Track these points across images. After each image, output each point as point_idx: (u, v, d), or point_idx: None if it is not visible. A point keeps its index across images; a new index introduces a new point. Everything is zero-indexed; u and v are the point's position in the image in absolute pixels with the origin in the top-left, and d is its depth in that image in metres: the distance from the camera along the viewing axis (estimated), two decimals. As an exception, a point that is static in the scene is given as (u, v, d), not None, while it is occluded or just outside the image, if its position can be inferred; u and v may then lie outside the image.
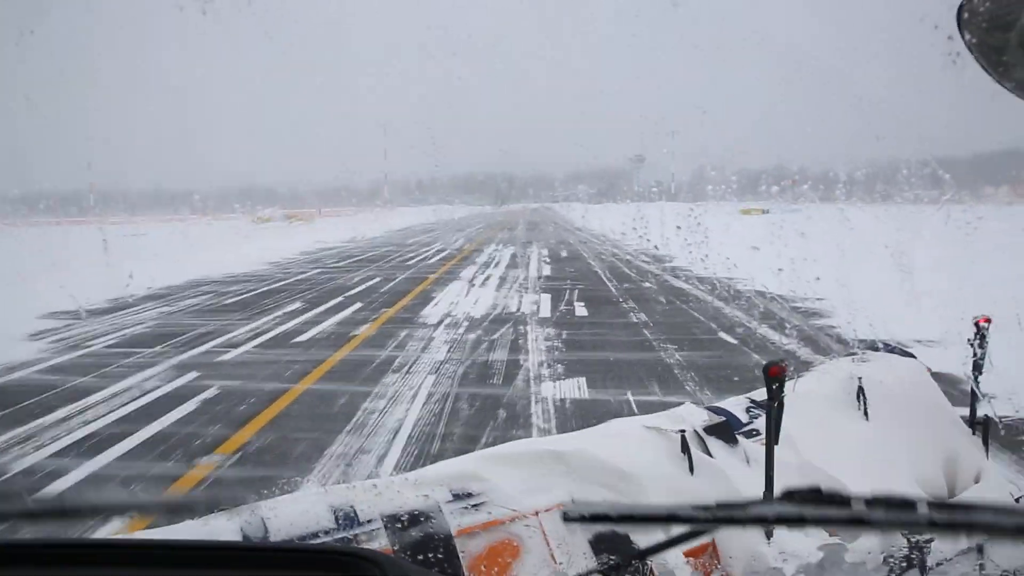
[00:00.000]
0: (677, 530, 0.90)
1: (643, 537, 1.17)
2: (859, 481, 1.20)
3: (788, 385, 1.51)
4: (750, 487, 1.49)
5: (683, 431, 1.64)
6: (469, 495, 1.41)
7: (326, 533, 1.26)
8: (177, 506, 1.15)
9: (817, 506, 0.82)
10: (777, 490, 1.08)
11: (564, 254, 20.25)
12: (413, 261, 18.66)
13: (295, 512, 1.27)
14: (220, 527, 1.21)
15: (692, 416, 1.78)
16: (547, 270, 15.93)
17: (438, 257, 19.89)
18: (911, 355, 2.40)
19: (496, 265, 17.07)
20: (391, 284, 13.89)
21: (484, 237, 29.67)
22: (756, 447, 1.72)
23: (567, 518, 0.86)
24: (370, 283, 14.06)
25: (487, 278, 14.62)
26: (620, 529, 1.17)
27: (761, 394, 1.84)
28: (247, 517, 1.23)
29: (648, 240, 22.44)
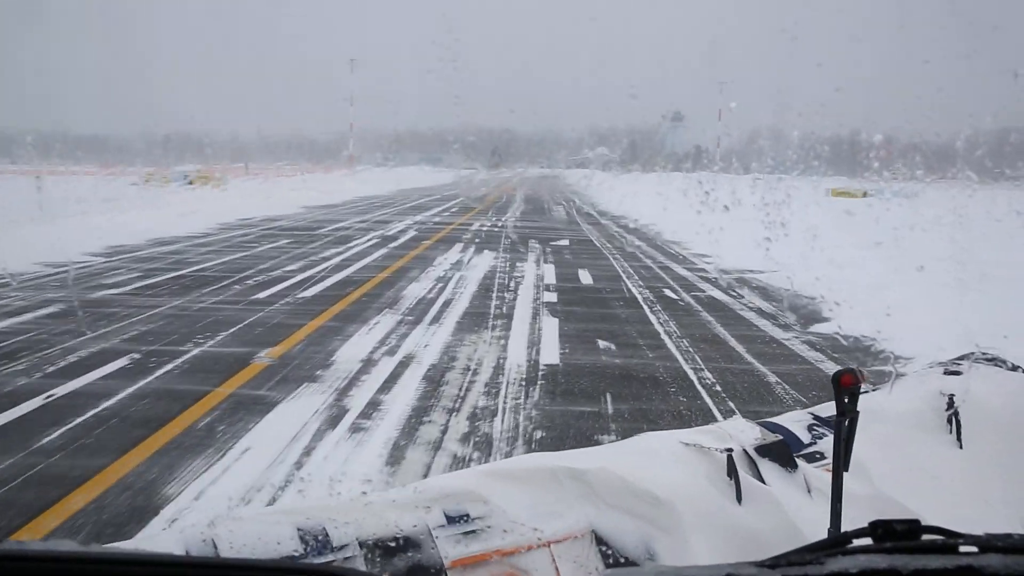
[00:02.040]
0: None
1: None
2: (948, 523, 0.99)
3: (862, 400, 1.38)
4: (812, 523, 1.43)
5: (730, 450, 1.58)
6: (467, 518, 1.36)
7: (290, 560, 1.21)
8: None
9: (914, 554, 0.80)
10: (847, 528, 1.06)
11: (587, 280, 12.24)
12: (263, 309, 10.67)
13: (254, 533, 1.23)
14: (166, 546, 1.18)
15: (741, 433, 1.70)
16: (549, 350, 7.95)
17: (338, 277, 11.87)
18: (1018, 368, 2.20)
19: (439, 322, 9.04)
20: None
21: (455, 224, 21.68)
22: (820, 474, 1.66)
23: None
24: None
25: (398, 374, 6.65)
26: None
27: (827, 409, 1.87)
28: (197, 536, 1.20)
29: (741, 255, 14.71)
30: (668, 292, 11.05)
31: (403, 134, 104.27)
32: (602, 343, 7.90)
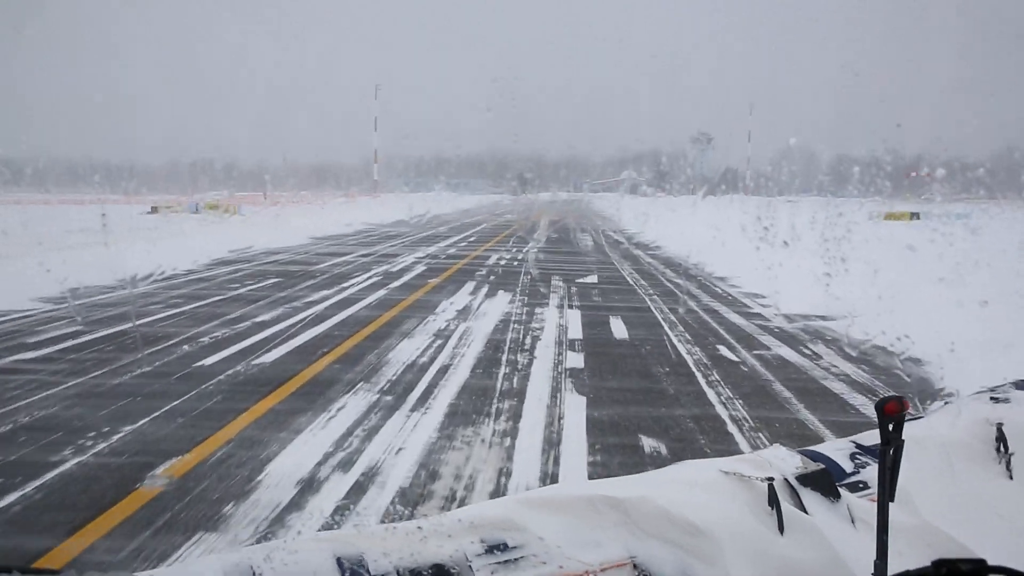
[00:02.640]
0: None
1: None
2: (999, 556, 0.99)
3: (906, 428, 1.32)
4: (856, 554, 1.37)
5: (771, 479, 1.47)
6: (505, 547, 1.29)
7: None
8: None
9: None
10: (894, 564, 1.04)
11: (620, 333, 9.90)
12: (199, 386, 8.49)
13: (292, 562, 1.17)
14: (203, 574, 1.16)
15: (782, 462, 1.58)
16: (574, 457, 5.66)
17: (315, 332, 9.67)
18: None
19: (425, 407, 6.80)
20: None
21: (470, 257, 19.53)
22: (864, 504, 1.55)
23: None
24: None
25: (343, 509, 4.40)
26: None
27: (869, 438, 1.81)
28: (236, 564, 1.15)
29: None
30: (724, 350, 8.70)
31: (428, 160, 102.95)
32: (648, 442, 5.59)
